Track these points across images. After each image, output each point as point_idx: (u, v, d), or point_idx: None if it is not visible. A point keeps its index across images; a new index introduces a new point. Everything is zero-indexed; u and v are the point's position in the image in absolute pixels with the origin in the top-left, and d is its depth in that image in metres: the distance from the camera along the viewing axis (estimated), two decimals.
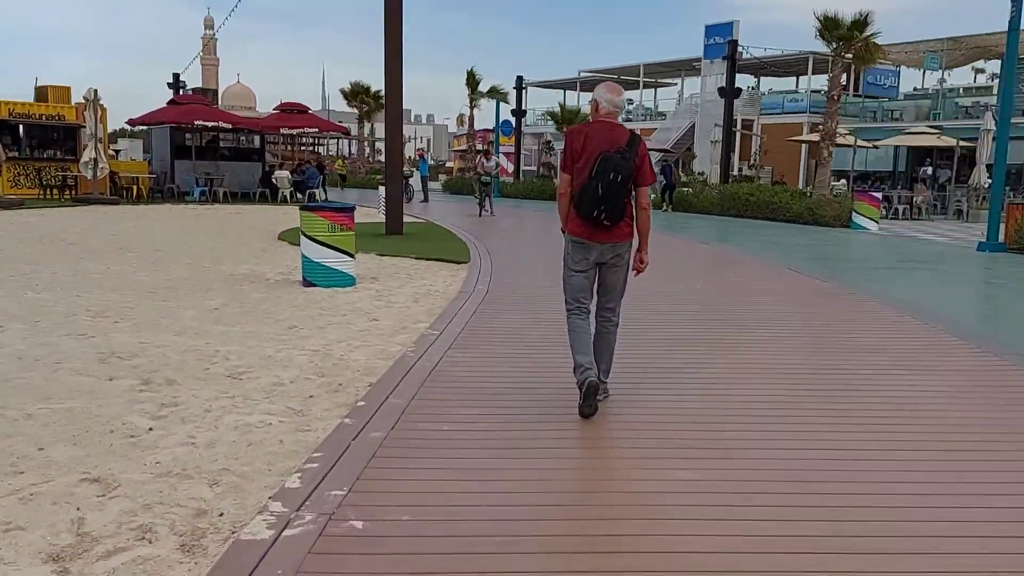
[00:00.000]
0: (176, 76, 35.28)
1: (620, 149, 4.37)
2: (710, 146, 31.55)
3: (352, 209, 9.31)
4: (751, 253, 13.67)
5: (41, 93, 25.54)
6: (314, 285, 9.05)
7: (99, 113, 21.69)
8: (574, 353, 4.57)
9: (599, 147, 4.38)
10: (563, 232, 4.70)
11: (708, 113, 36.30)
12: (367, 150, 55.71)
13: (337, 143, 75.30)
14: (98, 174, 21.77)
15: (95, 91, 21.62)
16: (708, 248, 14.99)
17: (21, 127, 23.84)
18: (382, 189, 19.68)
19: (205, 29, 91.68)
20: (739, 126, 33.15)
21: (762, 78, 43.20)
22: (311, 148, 72.88)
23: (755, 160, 34.99)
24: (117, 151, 33.82)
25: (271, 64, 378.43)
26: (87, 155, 21.54)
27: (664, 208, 25.10)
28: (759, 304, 8.64)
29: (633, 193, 4.48)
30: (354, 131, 46.77)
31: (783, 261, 12.51)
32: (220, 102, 78.87)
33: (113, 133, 36.43)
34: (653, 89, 46.75)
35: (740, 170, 34.09)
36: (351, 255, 9.24)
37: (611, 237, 4.50)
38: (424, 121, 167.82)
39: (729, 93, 24.99)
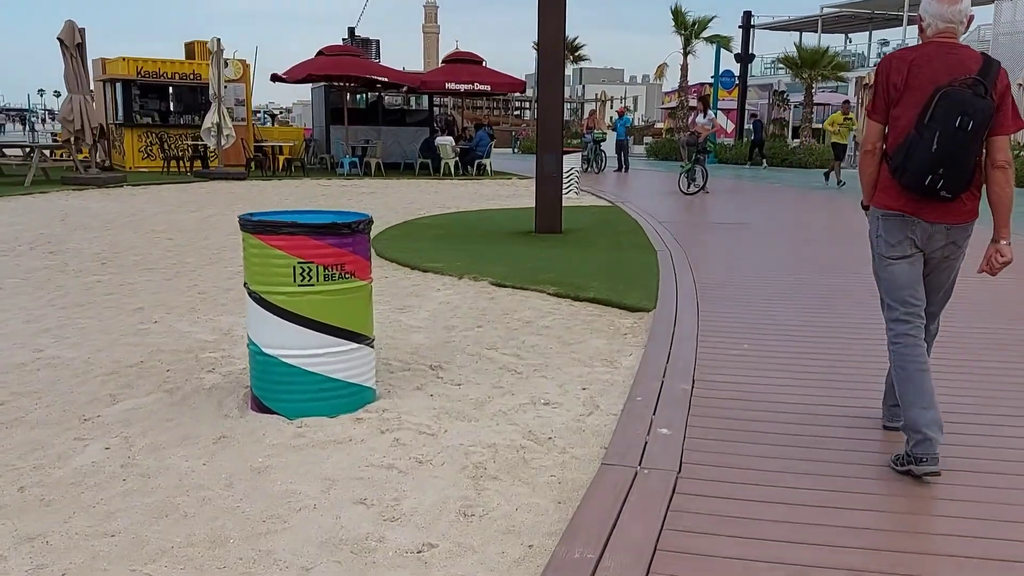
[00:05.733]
0: (351, 31, 31.77)
1: (970, 81, 2.91)
2: (1018, 91, 23.05)
3: (362, 227, 3.89)
4: None
5: (189, 49, 22.52)
6: (269, 411, 3.81)
7: (221, 68, 17.89)
8: (906, 405, 3.08)
9: (934, 79, 2.96)
10: (864, 208, 3.32)
11: (1008, 49, 27.42)
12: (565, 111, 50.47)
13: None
14: (223, 142, 18.06)
15: (218, 40, 17.84)
16: None
17: (157, 89, 20.85)
18: (568, 159, 14.23)
19: None
20: None
21: None
22: (515, 112, 68.93)
23: None
24: (272, 116, 30.89)
25: (489, 31, 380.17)
26: (208, 120, 17.87)
27: (764, 166, 26.35)
28: None
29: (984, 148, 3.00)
30: None
31: None
32: None
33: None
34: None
35: None
36: (360, 338, 3.89)
37: (948, 215, 3.05)
38: (639, 81, 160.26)
39: None
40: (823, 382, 4.27)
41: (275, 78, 20.74)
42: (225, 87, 18.51)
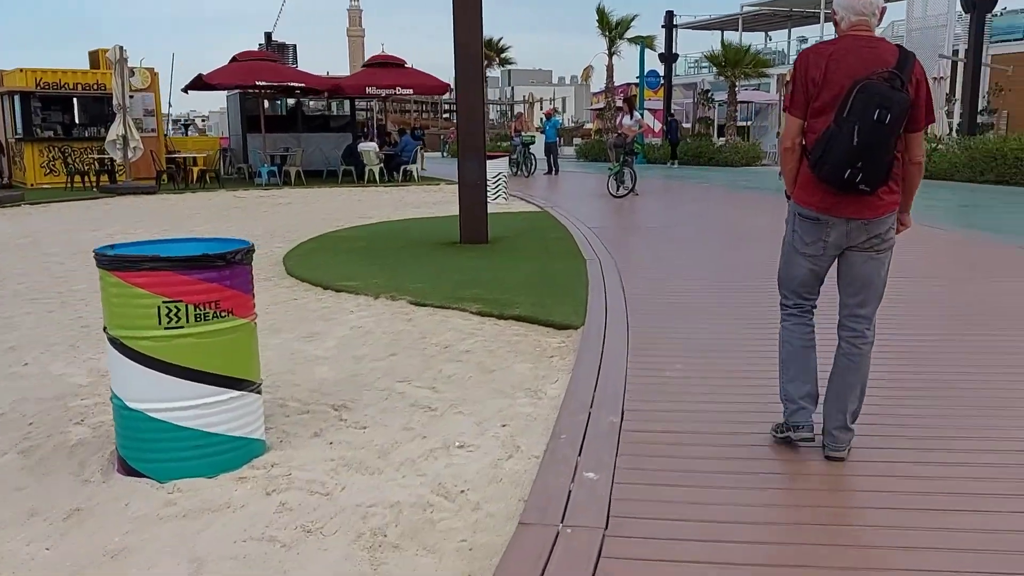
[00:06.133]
0: (268, 36, 30.81)
1: (886, 74, 2.89)
2: (935, 85, 23.59)
3: (240, 257, 3.41)
4: None
5: (93, 58, 21.39)
6: (137, 474, 3.29)
7: (126, 78, 16.96)
8: (784, 377, 3.32)
9: (852, 73, 2.94)
10: (788, 197, 3.29)
11: (920, 43, 28.09)
12: (493, 113, 50.16)
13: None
14: (130, 155, 17.12)
15: (120, 49, 16.90)
16: None
17: (59, 100, 19.72)
18: (495, 164, 13.91)
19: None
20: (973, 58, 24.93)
21: None
22: (444, 115, 68.13)
23: (987, 103, 26.52)
24: (187, 124, 29.81)
25: (417, 32, 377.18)
26: (113, 132, 16.92)
27: (674, 165, 26.34)
28: None
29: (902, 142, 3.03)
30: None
31: None
32: None
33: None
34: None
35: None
36: (243, 384, 3.40)
37: (866, 210, 3.04)
38: (568, 82, 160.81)
39: (984, 2, 17.19)
40: (760, 406, 3.94)
41: (185, 89, 19.83)
42: (131, 97, 17.58)
